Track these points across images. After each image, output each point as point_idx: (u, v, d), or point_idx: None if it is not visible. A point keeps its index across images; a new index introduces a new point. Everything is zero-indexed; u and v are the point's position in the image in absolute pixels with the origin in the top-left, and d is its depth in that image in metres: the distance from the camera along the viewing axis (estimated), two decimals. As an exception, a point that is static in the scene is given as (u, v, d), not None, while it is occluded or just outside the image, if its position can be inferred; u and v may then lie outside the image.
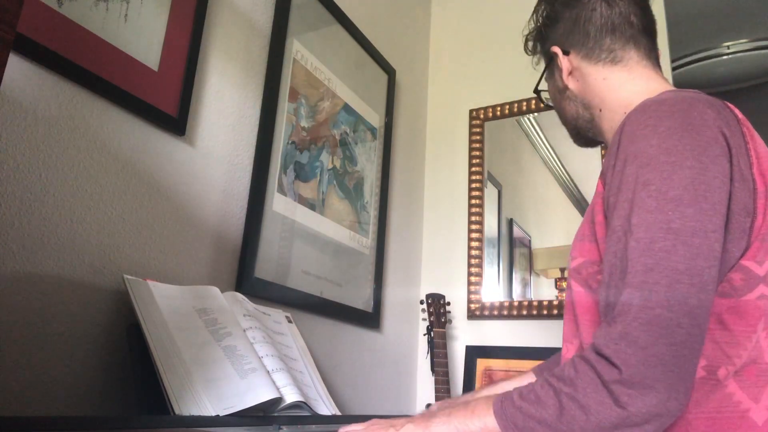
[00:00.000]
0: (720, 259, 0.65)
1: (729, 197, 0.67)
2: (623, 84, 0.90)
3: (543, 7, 1.01)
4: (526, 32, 1.05)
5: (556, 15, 0.97)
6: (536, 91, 1.07)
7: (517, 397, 0.69)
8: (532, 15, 1.03)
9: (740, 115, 0.75)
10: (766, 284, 0.68)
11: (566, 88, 0.96)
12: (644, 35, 0.92)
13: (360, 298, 1.76)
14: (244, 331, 1.07)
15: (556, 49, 0.96)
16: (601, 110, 0.92)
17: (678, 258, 0.63)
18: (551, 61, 0.99)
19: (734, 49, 1.71)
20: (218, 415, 0.88)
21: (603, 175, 0.77)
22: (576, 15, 0.94)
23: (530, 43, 1.05)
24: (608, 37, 0.92)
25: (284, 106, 1.48)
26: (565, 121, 1.01)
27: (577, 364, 0.67)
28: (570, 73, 0.95)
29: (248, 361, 1.00)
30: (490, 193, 2.14)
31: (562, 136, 1.07)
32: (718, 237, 0.65)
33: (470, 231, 2.10)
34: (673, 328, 0.62)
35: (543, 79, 1.04)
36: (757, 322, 0.67)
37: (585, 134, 0.99)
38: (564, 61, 0.95)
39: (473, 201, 2.13)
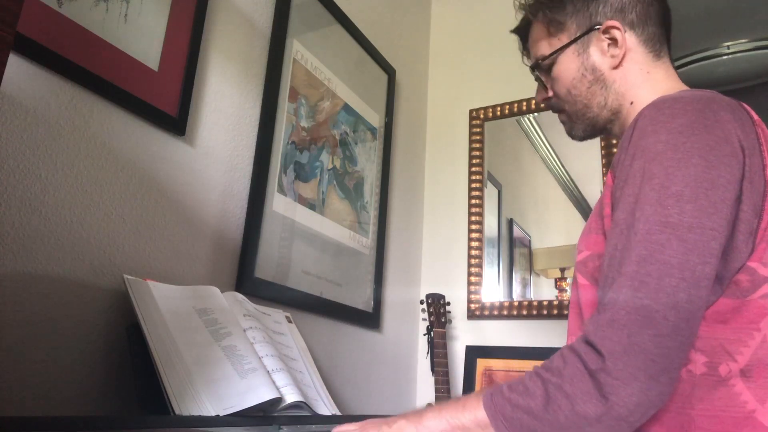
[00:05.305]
0: (718, 257, 0.65)
1: (739, 198, 0.67)
2: (661, 81, 0.87)
3: None
4: None
5: None
6: (539, 62, 0.94)
7: (507, 389, 0.69)
8: None
9: (756, 117, 0.75)
10: None
11: (606, 70, 0.87)
12: (669, 42, 0.91)
13: (360, 298, 1.75)
14: (244, 331, 1.07)
15: (617, 24, 0.86)
16: (632, 103, 0.87)
17: (671, 252, 0.64)
18: (583, 35, 0.88)
19: (734, 49, 1.71)
20: (218, 415, 0.88)
21: (613, 169, 0.76)
22: None
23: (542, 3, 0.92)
24: (662, 30, 0.89)
25: (284, 106, 1.48)
26: (585, 106, 0.90)
27: (565, 354, 0.68)
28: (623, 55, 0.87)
29: (248, 361, 1.00)
30: (490, 193, 2.14)
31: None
32: (716, 235, 0.65)
33: (470, 231, 2.10)
34: (659, 320, 0.62)
35: (556, 53, 0.91)
36: (760, 319, 0.67)
37: (603, 125, 0.91)
38: (624, 41, 0.86)
39: (473, 201, 2.13)
